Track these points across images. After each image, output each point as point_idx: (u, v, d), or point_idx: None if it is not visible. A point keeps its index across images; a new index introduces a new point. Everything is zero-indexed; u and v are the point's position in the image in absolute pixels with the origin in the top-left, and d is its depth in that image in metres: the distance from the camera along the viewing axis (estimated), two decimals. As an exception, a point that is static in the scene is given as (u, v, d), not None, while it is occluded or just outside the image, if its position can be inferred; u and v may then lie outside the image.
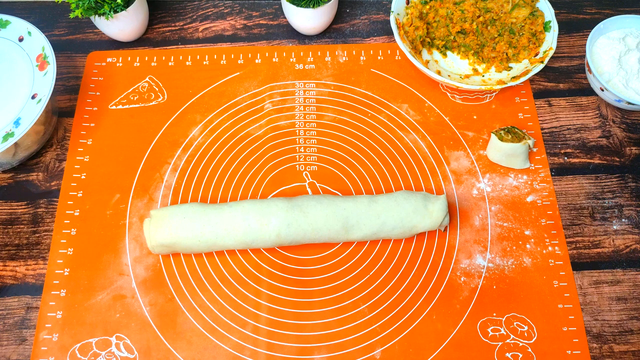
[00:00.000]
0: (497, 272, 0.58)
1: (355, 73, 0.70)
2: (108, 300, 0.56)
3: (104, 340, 0.54)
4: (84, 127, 0.66)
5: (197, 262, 0.58)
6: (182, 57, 0.71)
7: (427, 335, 0.55)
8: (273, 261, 0.58)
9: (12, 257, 0.59)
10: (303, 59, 0.71)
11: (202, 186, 0.62)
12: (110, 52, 0.72)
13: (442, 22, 0.70)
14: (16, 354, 0.54)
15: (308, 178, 0.63)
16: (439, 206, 0.56)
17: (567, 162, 0.65)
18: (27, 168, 0.64)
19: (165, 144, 0.65)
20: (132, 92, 0.68)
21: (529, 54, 0.68)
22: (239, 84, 0.69)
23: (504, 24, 0.70)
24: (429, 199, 0.57)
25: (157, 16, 0.75)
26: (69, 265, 0.57)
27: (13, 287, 0.57)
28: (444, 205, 0.56)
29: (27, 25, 0.62)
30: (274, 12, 0.76)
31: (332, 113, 0.67)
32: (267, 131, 0.66)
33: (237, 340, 0.54)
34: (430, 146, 0.65)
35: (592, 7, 0.76)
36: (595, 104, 0.69)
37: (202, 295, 0.56)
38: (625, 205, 0.62)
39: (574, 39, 0.74)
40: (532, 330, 0.55)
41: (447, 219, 0.57)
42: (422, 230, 0.56)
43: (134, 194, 0.62)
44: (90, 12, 0.65)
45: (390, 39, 0.74)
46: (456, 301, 0.56)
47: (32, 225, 0.60)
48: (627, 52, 0.66)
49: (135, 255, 0.58)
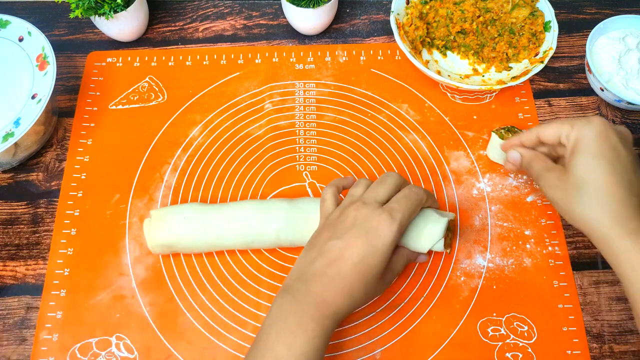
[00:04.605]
0: (497, 272, 0.58)
1: (355, 73, 0.70)
2: (108, 300, 0.56)
3: (104, 340, 0.54)
4: (84, 127, 0.66)
5: (197, 262, 0.58)
6: (182, 57, 0.71)
7: (427, 335, 0.55)
8: (273, 261, 0.58)
9: (12, 257, 0.59)
10: (303, 59, 0.71)
11: (202, 186, 0.62)
12: (110, 52, 0.72)
13: (442, 22, 0.70)
14: (16, 354, 0.54)
15: (308, 178, 0.63)
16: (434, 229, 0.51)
17: (567, 162, 0.65)
18: (27, 168, 0.64)
19: (165, 144, 0.65)
20: (132, 92, 0.68)
21: (529, 54, 0.68)
22: (239, 84, 0.69)
23: (504, 24, 0.70)
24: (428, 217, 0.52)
25: (157, 16, 0.75)
26: (69, 265, 0.58)
27: (13, 287, 0.57)
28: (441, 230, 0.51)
29: (27, 25, 0.62)
30: (274, 12, 0.76)
31: (332, 113, 0.67)
32: (267, 131, 0.66)
33: (237, 340, 0.54)
34: (430, 146, 0.65)
35: (592, 7, 0.76)
36: (595, 104, 0.69)
37: (202, 295, 0.56)
38: (625, 205, 0.62)
39: (574, 39, 0.74)
40: (532, 330, 0.55)
41: (440, 244, 0.52)
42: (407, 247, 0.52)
43: (134, 194, 0.62)
44: (90, 12, 0.65)
45: (390, 39, 0.74)
46: (456, 301, 0.56)
47: (32, 225, 0.60)
48: (627, 52, 0.66)
49: (135, 255, 0.58)
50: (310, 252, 0.48)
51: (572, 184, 0.48)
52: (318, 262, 0.47)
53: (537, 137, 0.53)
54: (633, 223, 0.45)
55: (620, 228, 0.45)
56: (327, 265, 0.46)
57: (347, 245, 0.46)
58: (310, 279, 0.46)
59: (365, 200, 0.49)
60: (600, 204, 0.46)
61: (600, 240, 0.47)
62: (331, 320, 0.45)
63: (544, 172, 0.51)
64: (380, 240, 0.46)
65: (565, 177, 0.49)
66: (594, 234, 0.47)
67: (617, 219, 0.45)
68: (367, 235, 0.46)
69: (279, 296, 0.47)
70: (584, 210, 0.47)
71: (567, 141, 0.49)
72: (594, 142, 0.47)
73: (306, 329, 0.44)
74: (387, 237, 0.47)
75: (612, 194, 0.46)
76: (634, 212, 0.46)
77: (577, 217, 0.48)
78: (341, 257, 0.46)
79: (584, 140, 0.48)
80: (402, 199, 0.50)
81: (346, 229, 0.47)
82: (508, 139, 0.57)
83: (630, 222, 0.45)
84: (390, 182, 0.52)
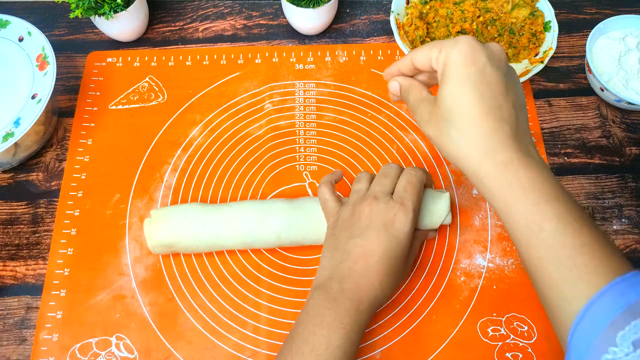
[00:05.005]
0: (497, 272, 0.58)
1: (355, 73, 0.70)
2: (108, 300, 0.56)
3: (104, 340, 0.54)
4: (84, 127, 0.66)
5: (197, 262, 0.58)
6: (182, 57, 0.71)
7: (427, 335, 0.55)
8: (273, 261, 0.58)
9: (12, 257, 0.59)
10: (303, 59, 0.71)
11: (202, 186, 0.62)
12: (110, 52, 0.72)
13: (442, 22, 0.70)
14: (16, 354, 0.54)
15: (308, 178, 0.63)
16: (441, 205, 0.56)
17: (567, 162, 0.65)
18: (27, 168, 0.64)
19: (165, 144, 0.65)
20: (132, 92, 0.68)
21: (529, 54, 0.68)
22: (239, 84, 0.69)
23: (504, 24, 0.70)
24: (432, 196, 0.56)
25: (157, 16, 0.75)
26: (69, 265, 0.58)
27: (13, 287, 0.57)
28: (447, 204, 0.56)
29: (27, 25, 0.62)
30: (274, 12, 0.76)
31: (332, 113, 0.67)
32: (267, 131, 0.66)
33: (237, 340, 0.54)
34: (430, 146, 0.65)
35: (592, 7, 0.76)
36: (595, 104, 0.69)
37: (202, 295, 0.56)
38: (625, 205, 0.62)
39: (574, 39, 0.74)
40: (532, 330, 0.55)
41: (449, 217, 0.56)
42: (423, 228, 0.56)
43: (134, 194, 0.62)
44: (90, 12, 0.65)
45: (390, 39, 0.74)
46: (456, 301, 0.56)
47: (32, 225, 0.60)
48: (627, 52, 0.66)
49: (135, 255, 0.58)
50: (335, 253, 0.49)
51: (441, 117, 0.43)
52: (346, 262, 0.48)
53: (412, 63, 0.47)
54: (503, 154, 0.41)
55: (490, 162, 0.41)
56: (355, 263, 0.47)
57: (369, 242, 0.48)
58: (342, 278, 0.47)
59: (376, 195, 0.50)
60: (467, 137, 0.41)
61: (473, 177, 0.42)
62: (366, 314, 0.47)
63: (417, 104, 0.46)
64: (400, 232, 0.48)
65: (436, 109, 0.43)
66: (466, 171, 0.43)
67: (486, 153, 0.41)
68: (386, 230, 0.48)
69: (314, 293, 0.48)
70: (453, 146, 0.42)
71: (438, 66, 0.44)
72: (460, 66, 0.41)
73: (343, 324, 0.45)
74: (405, 227, 0.48)
75: (479, 124, 0.41)
76: (504, 142, 0.41)
77: (450, 154, 0.43)
78: (367, 254, 0.47)
79: (450, 65, 0.42)
80: (407, 185, 0.51)
81: (365, 227, 0.49)
82: (388, 67, 0.51)
83: (500, 153, 0.41)
84: (393, 173, 0.53)
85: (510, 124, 0.41)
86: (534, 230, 0.40)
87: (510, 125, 0.41)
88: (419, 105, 0.46)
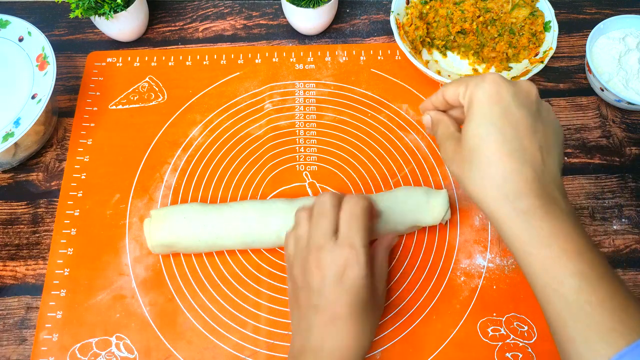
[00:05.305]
0: (497, 272, 0.58)
1: (355, 73, 0.70)
2: (108, 300, 0.56)
3: (104, 340, 0.54)
4: (84, 127, 0.66)
5: (197, 262, 0.58)
6: (182, 57, 0.71)
7: (427, 335, 0.55)
8: (273, 261, 0.58)
9: (12, 257, 0.59)
10: (303, 59, 0.71)
11: (202, 186, 0.62)
12: (110, 52, 0.72)
13: (442, 22, 0.70)
14: (16, 354, 0.54)
15: (308, 178, 0.63)
16: (440, 201, 0.56)
17: (567, 162, 0.65)
18: (27, 168, 0.64)
19: (165, 144, 0.65)
20: (132, 92, 0.68)
21: (529, 54, 0.68)
22: (239, 84, 0.69)
23: (504, 24, 0.70)
24: (430, 194, 0.57)
25: (157, 16, 0.75)
26: (69, 265, 0.58)
27: (13, 287, 0.57)
28: (445, 200, 0.56)
29: (27, 25, 0.62)
30: (274, 12, 0.76)
31: (332, 113, 0.67)
32: (267, 131, 0.66)
33: (237, 340, 0.54)
34: (430, 146, 0.65)
35: (592, 7, 0.76)
36: (595, 104, 0.69)
37: (202, 295, 0.56)
38: (625, 205, 0.62)
39: (574, 39, 0.74)
40: (532, 330, 0.55)
41: (448, 213, 0.57)
42: (424, 225, 0.56)
43: (134, 194, 0.62)
44: (90, 12, 0.65)
45: (390, 39, 0.74)
46: (456, 301, 0.56)
47: (32, 225, 0.60)
48: (627, 52, 0.66)
49: (135, 255, 0.58)
50: (301, 322, 0.47)
51: (463, 156, 0.42)
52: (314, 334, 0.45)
53: (443, 98, 0.46)
54: (525, 201, 0.39)
55: (510, 207, 0.39)
56: (324, 334, 0.44)
57: (329, 304, 0.45)
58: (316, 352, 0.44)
59: (319, 244, 0.46)
60: (488, 179, 0.40)
61: (493, 220, 0.41)
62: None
63: (443, 140, 0.45)
64: (355, 280, 0.45)
65: (459, 147, 0.42)
66: (486, 213, 0.41)
67: (506, 197, 0.39)
68: (341, 283, 0.45)
69: None
70: (474, 187, 0.41)
71: (464, 103, 0.43)
72: (484, 104, 0.40)
73: None
74: (360, 272, 0.45)
75: (500, 166, 0.39)
76: (526, 187, 0.39)
77: (471, 195, 0.42)
78: (332, 319, 0.44)
79: (475, 103, 0.41)
80: (350, 220, 0.47)
81: (319, 287, 0.45)
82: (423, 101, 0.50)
83: (522, 199, 0.39)
84: (329, 207, 0.48)
85: (534, 167, 0.39)
86: (553, 284, 0.38)
87: (534, 169, 0.39)
88: (445, 141, 0.45)
